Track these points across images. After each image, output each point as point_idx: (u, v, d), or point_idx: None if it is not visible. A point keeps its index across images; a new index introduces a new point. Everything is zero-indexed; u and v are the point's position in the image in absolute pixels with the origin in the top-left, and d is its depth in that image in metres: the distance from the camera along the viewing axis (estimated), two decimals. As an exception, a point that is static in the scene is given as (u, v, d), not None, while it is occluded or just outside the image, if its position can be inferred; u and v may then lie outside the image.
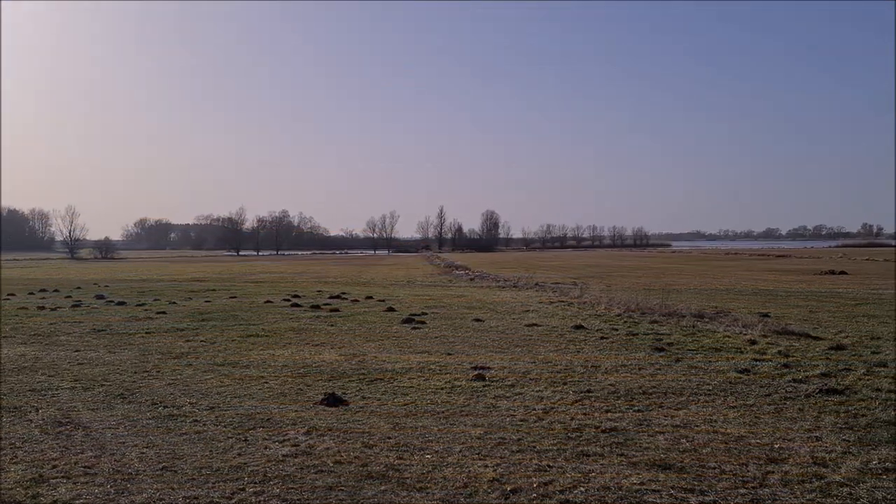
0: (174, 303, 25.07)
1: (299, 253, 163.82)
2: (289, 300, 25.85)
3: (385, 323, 18.38)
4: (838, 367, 11.36)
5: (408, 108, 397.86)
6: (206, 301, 25.86)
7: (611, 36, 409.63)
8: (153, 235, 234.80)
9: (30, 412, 8.76)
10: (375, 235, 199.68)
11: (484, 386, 10.17)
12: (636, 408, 8.78)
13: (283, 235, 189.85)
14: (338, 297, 27.63)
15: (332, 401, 9.15)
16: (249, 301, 25.81)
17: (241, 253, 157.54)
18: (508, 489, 5.91)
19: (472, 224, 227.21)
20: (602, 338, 15.05)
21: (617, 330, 16.26)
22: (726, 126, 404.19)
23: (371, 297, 27.08)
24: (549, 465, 6.49)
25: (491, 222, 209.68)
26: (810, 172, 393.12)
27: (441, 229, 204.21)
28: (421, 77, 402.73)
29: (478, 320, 18.72)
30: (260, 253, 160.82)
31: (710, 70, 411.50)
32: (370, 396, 9.59)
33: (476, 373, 11.00)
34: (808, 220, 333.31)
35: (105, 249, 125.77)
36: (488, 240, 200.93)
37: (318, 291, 31.28)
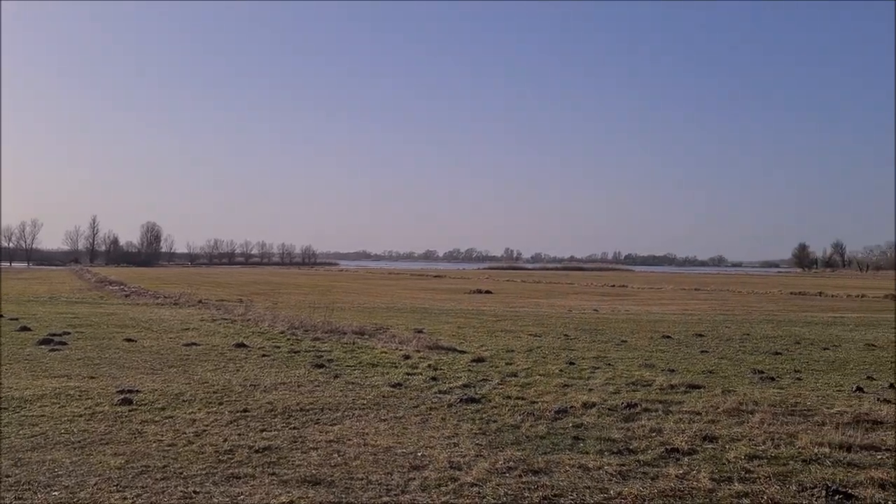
0: None
1: None
2: None
3: (16, 344, 16.15)
4: (478, 378, 12.52)
5: (58, 98, 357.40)
6: None
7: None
8: None
9: None
10: (12, 245, 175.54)
11: (130, 410, 9.40)
12: (292, 425, 8.77)
13: None
14: (-43, 315, 23.67)
15: (-64, 437, 7.75)
16: None
17: None
18: (148, 521, 5.49)
19: (130, 237, 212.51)
20: (263, 356, 14.87)
21: (279, 347, 16.19)
22: (390, 158, 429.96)
23: (0, 315, 23.66)
24: (195, 492, 6.16)
25: (152, 235, 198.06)
26: (462, 204, 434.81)
27: (94, 241, 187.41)
28: (86, 67, 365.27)
29: (130, 340, 17.33)
30: None
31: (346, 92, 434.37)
32: (-12, 430, 8.30)
33: (122, 397, 10.12)
34: (461, 245, 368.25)
35: None
36: (149, 254, 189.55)
37: (-69, 308, 26.53)
